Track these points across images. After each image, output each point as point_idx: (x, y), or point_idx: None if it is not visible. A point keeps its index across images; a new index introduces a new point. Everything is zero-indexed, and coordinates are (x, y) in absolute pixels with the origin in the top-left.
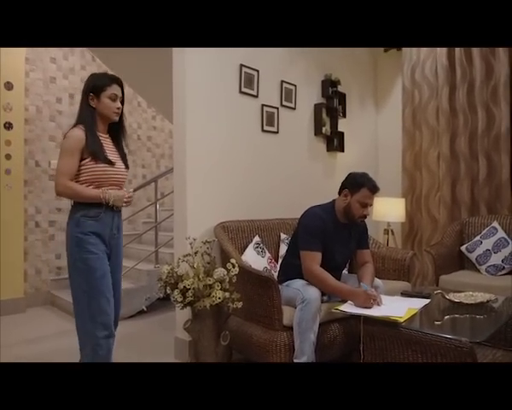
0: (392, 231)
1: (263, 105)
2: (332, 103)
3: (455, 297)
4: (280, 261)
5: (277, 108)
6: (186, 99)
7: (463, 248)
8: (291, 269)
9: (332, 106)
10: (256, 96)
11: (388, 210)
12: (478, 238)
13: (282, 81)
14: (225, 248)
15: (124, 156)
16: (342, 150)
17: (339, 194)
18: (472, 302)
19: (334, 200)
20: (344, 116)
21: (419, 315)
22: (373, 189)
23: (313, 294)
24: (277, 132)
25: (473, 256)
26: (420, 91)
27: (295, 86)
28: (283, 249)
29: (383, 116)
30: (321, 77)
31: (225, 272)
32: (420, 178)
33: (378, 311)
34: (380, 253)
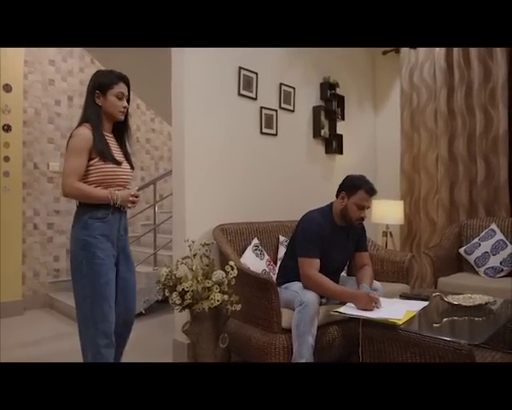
0: (390, 234)
1: (261, 107)
2: (330, 106)
3: (453, 299)
4: (279, 264)
5: (276, 111)
6: (185, 101)
7: (462, 250)
8: (290, 271)
9: (330, 108)
10: (255, 98)
11: (387, 212)
12: (476, 240)
13: (281, 84)
14: (224, 250)
15: (128, 156)
16: (341, 153)
17: (336, 196)
18: (470, 305)
19: (332, 202)
20: (342, 119)
21: (418, 317)
22: (370, 191)
23: (311, 296)
24: (276, 135)
25: (471, 258)
26: (418, 94)
27: (294, 89)
28: (282, 252)
29: (382, 119)
30: (319, 79)
31: (224, 275)
32: (418, 180)
33: (377, 313)
34: (378, 255)
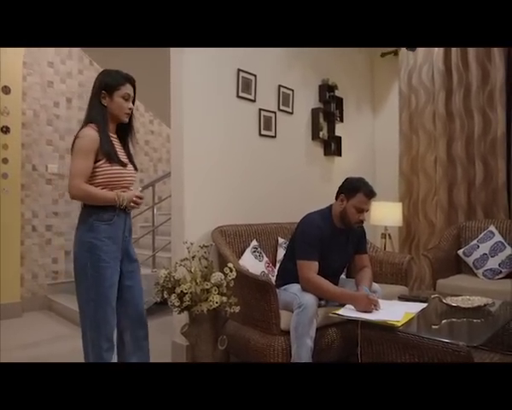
0: (389, 236)
1: (260, 109)
2: (329, 108)
3: (452, 301)
4: (277, 266)
5: (275, 113)
6: (184, 103)
7: (460, 252)
8: (288, 273)
9: (329, 110)
10: (253, 100)
11: (385, 214)
12: (475, 242)
13: (280, 86)
14: (223, 252)
15: (131, 157)
16: (339, 155)
17: (336, 199)
18: (469, 306)
19: (331, 205)
20: (341, 121)
21: (416, 319)
22: (369, 194)
23: (310, 299)
24: (275, 137)
25: (470, 260)
26: (416, 96)
27: (293, 91)
28: (281, 254)
29: (380, 121)
30: (318, 82)
31: (223, 277)
32: (417, 182)
33: (375, 315)
34: (377, 257)
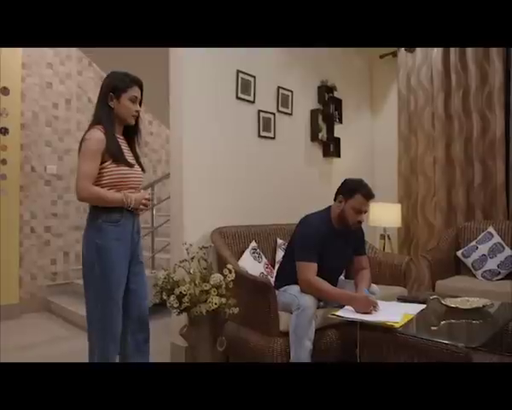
0: (388, 237)
1: (259, 111)
2: (328, 109)
3: (451, 302)
4: (277, 267)
5: (274, 114)
6: (183, 104)
7: (459, 253)
8: (287, 275)
9: (328, 112)
10: (253, 101)
11: (384, 215)
12: (474, 243)
13: (279, 87)
14: (222, 253)
15: (138, 159)
16: (338, 156)
17: (334, 200)
18: (468, 307)
19: (330, 206)
20: (340, 122)
21: (415, 320)
22: (367, 195)
23: (309, 300)
24: (274, 138)
25: (469, 261)
26: (415, 97)
27: (292, 92)
28: (280, 255)
29: (379, 122)
30: (317, 83)
31: (222, 278)
32: (416, 183)
33: (374, 316)
34: (376, 258)
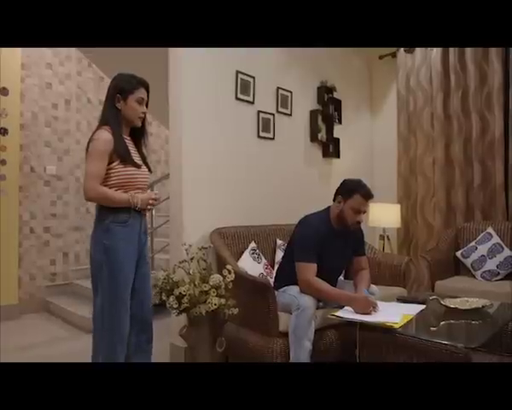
0: (387, 237)
1: (259, 111)
2: (328, 110)
3: (450, 303)
4: (276, 267)
5: (273, 115)
6: (182, 105)
7: (459, 253)
8: (287, 275)
9: (328, 112)
10: (252, 102)
11: (384, 216)
12: (473, 244)
13: (278, 88)
14: (221, 254)
15: (145, 159)
16: (338, 156)
17: (333, 200)
18: (467, 308)
19: (329, 206)
20: (339, 122)
21: (415, 321)
22: (366, 195)
23: (308, 301)
24: (273, 138)
25: (468, 262)
26: (414, 98)
27: (291, 93)
28: (279, 255)
29: (378, 122)
30: (316, 83)
31: (221, 279)
32: (415, 183)
33: (374, 317)
34: (375, 259)
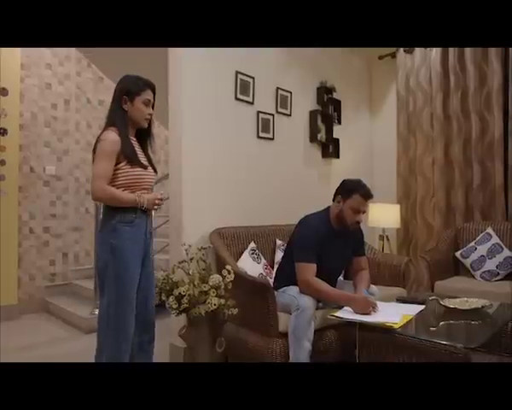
0: (387, 237)
1: (258, 112)
2: (327, 110)
3: (450, 303)
4: (276, 268)
5: (273, 115)
6: (182, 105)
7: (458, 253)
8: (287, 276)
9: (327, 113)
10: (252, 102)
11: (383, 216)
12: (472, 244)
13: (278, 88)
14: (221, 254)
15: (151, 160)
16: (337, 157)
17: (333, 200)
18: (467, 308)
19: (329, 207)
20: (339, 123)
21: (414, 321)
22: (366, 195)
23: (308, 301)
24: (273, 139)
25: (468, 262)
26: (414, 98)
27: (291, 93)
28: (279, 256)
29: (378, 123)
30: (316, 84)
31: (221, 279)
32: (415, 184)
33: (373, 317)
34: (375, 259)
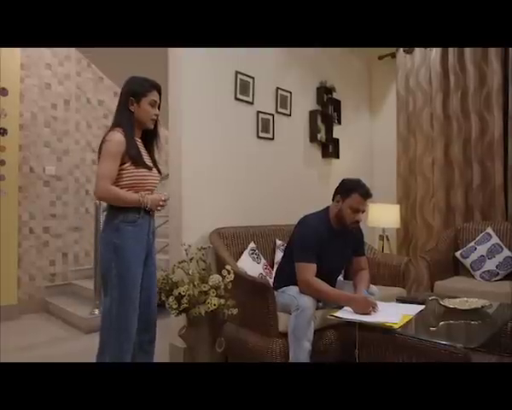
0: (387, 237)
1: (258, 112)
2: (327, 110)
3: (450, 303)
4: (275, 268)
5: (273, 115)
6: (182, 105)
7: (458, 254)
8: (286, 276)
9: (327, 113)
10: (251, 102)
11: (383, 216)
12: (472, 244)
13: (278, 88)
14: (221, 254)
15: (155, 162)
16: (337, 157)
17: (332, 200)
18: (467, 308)
19: (328, 206)
20: (339, 123)
21: (414, 321)
22: (364, 194)
23: (308, 301)
24: (273, 139)
25: (467, 262)
26: (414, 98)
27: (290, 93)
28: (279, 256)
29: (378, 123)
30: (316, 84)
31: (221, 279)
32: (414, 184)
33: (373, 317)
34: (375, 259)
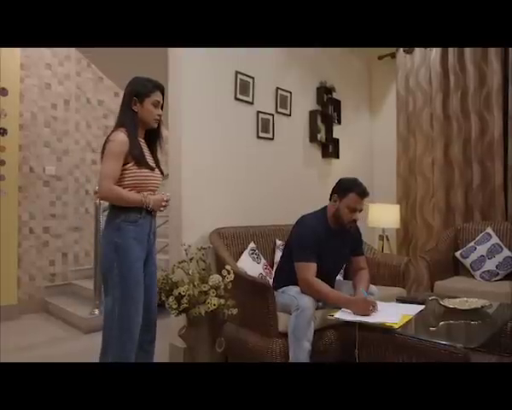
0: (387, 237)
1: (258, 112)
2: (327, 110)
3: (449, 303)
4: (275, 268)
5: (272, 115)
6: (182, 105)
7: (458, 254)
8: (286, 276)
9: (327, 113)
10: (251, 102)
11: (383, 216)
12: (472, 244)
13: (278, 88)
14: (221, 254)
15: (158, 162)
16: (337, 157)
17: (330, 200)
18: (466, 308)
19: (325, 206)
20: (339, 123)
21: (414, 321)
22: (361, 194)
23: (308, 301)
24: (272, 139)
25: (467, 262)
26: (414, 98)
27: (290, 93)
28: (279, 256)
29: (378, 123)
30: (316, 84)
31: (220, 279)
32: (414, 184)
33: (373, 317)
34: (375, 259)
